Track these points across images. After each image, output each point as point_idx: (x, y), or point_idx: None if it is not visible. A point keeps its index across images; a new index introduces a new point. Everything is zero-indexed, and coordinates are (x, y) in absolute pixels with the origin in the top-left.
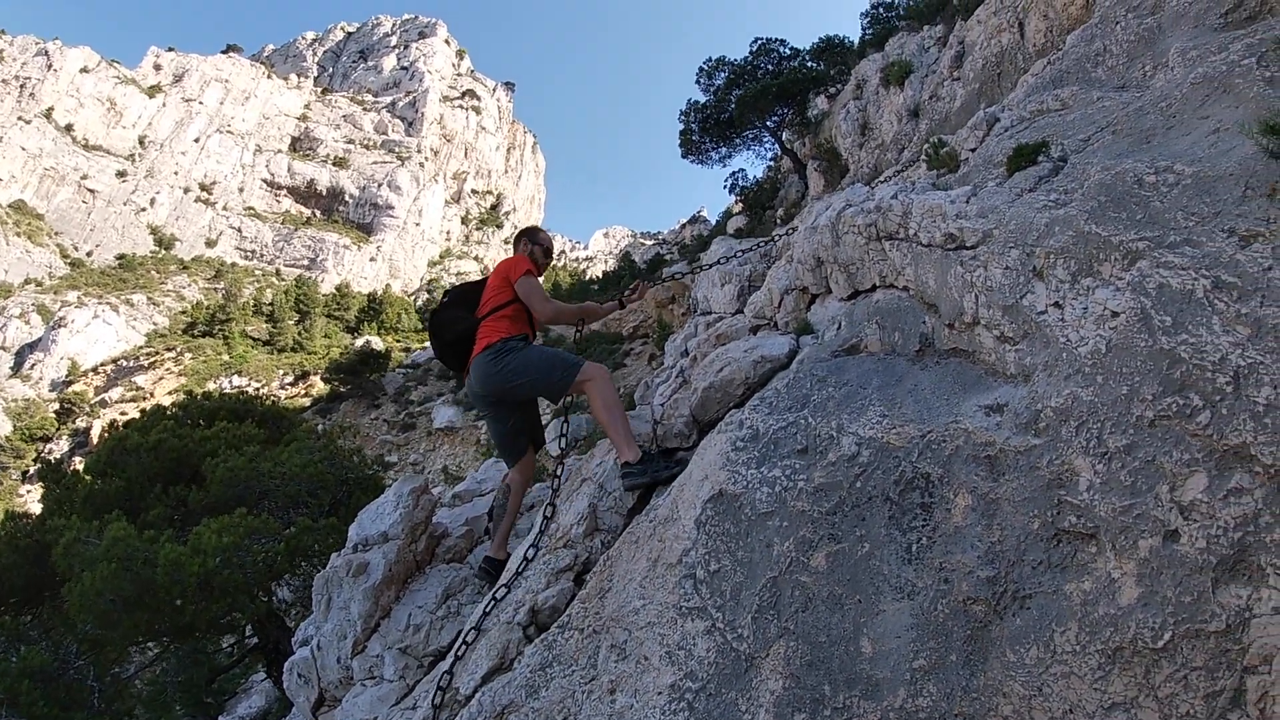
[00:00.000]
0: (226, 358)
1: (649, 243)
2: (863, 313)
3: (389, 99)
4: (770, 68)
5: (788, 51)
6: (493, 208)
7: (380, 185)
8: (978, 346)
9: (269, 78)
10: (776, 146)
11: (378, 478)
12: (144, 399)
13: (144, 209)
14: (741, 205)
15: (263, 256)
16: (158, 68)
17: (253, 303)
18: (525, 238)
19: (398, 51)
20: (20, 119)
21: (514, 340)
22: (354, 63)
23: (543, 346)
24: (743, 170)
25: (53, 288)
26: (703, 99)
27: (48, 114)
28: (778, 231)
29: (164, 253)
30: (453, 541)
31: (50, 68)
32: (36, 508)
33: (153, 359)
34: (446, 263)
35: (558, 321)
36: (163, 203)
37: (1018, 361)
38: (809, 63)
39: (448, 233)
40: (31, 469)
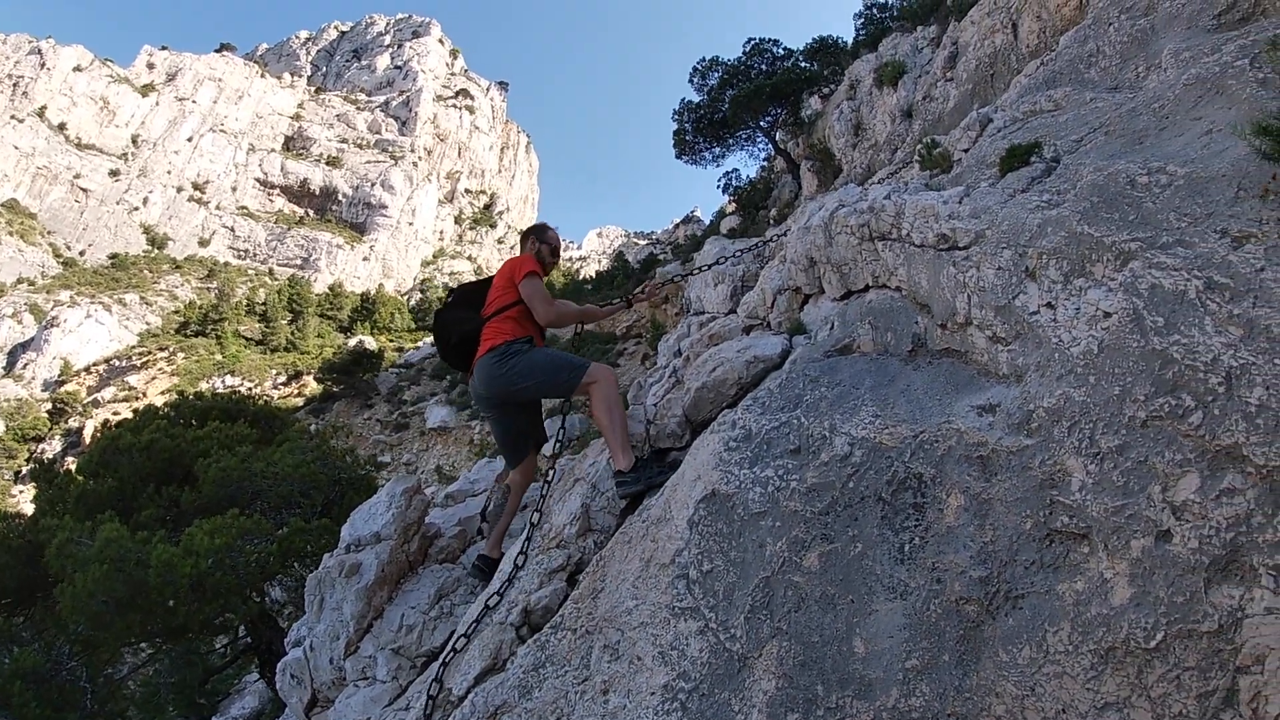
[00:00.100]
0: (219, 357)
1: (643, 243)
2: (855, 313)
3: (382, 98)
4: (764, 68)
5: (781, 52)
6: (486, 207)
7: (374, 185)
8: (970, 347)
9: (262, 77)
10: (770, 147)
11: (371, 478)
12: (137, 399)
13: (137, 208)
14: (735, 205)
15: (256, 256)
16: (151, 66)
17: (245, 302)
18: (533, 236)
19: (391, 51)
20: (13, 117)
21: (518, 343)
22: (347, 62)
23: (548, 349)
24: (736, 170)
25: (45, 287)
26: (696, 99)
27: (40, 113)
28: (772, 231)
29: (157, 252)
30: (446, 542)
31: (43, 66)
32: (29, 508)
33: (145, 359)
34: (440, 262)
35: (559, 325)
36: (156, 202)
37: (1010, 362)
38: (803, 63)
39: (441, 232)
40: (24, 469)
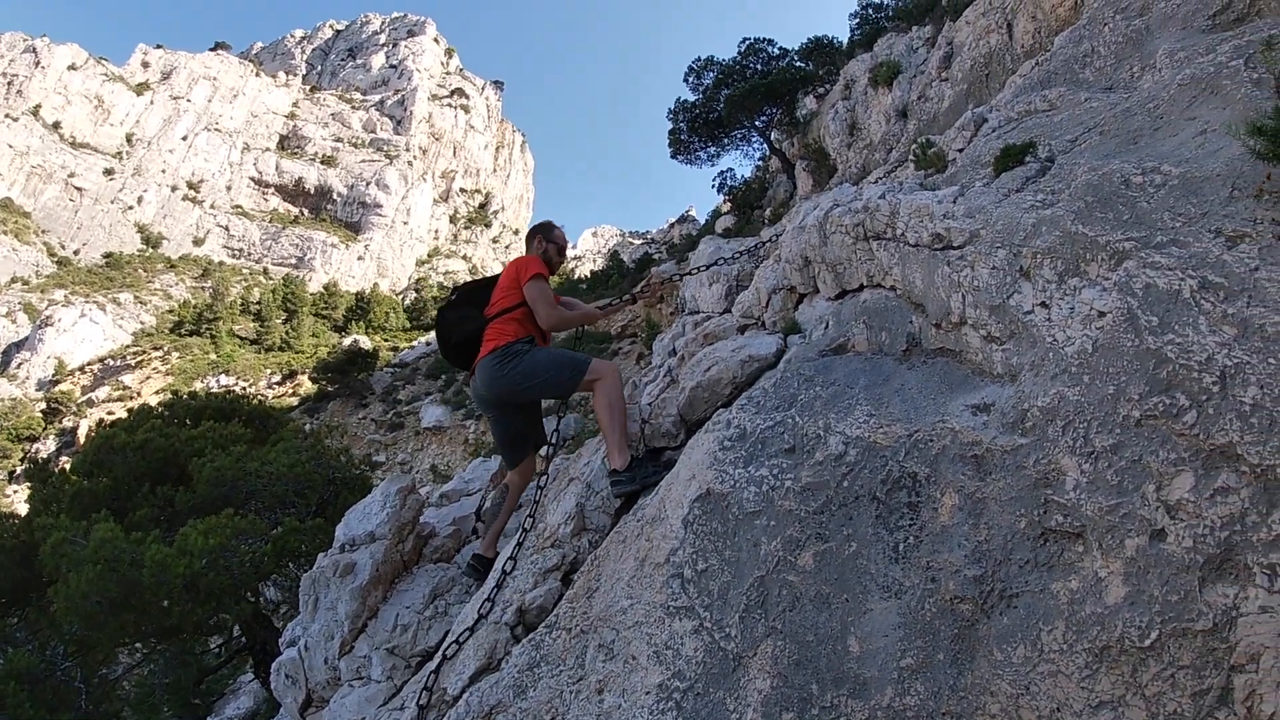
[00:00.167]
0: (213, 357)
1: (637, 242)
2: (850, 312)
3: (377, 97)
4: (759, 68)
5: (776, 51)
6: (481, 206)
7: (368, 184)
8: (965, 346)
9: (257, 75)
10: (765, 146)
11: (365, 477)
12: (131, 398)
13: (131, 207)
14: (730, 205)
15: (250, 255)
16: (146, 65)
17: (240, 302)
18: (540, 234)
19: (386, 50)
20: (7, 116)
21: (520, 344)
22: (342, 61)
23: (550, 349)
24: (731, 170)
25: (39, 286)
26: (691, 99)
27: (35, 111)
28: (767, 232)
29: (151, 251)
30: (440, 541)
31: (38, 65)
32: (23, 508)
33: (140, 358)
34: (435, 261)
35: (562, 329)
36: (150, 201)
37: (1004, 361)
38: (798, 63)
39: (436, 231)
40: (18, 468)
